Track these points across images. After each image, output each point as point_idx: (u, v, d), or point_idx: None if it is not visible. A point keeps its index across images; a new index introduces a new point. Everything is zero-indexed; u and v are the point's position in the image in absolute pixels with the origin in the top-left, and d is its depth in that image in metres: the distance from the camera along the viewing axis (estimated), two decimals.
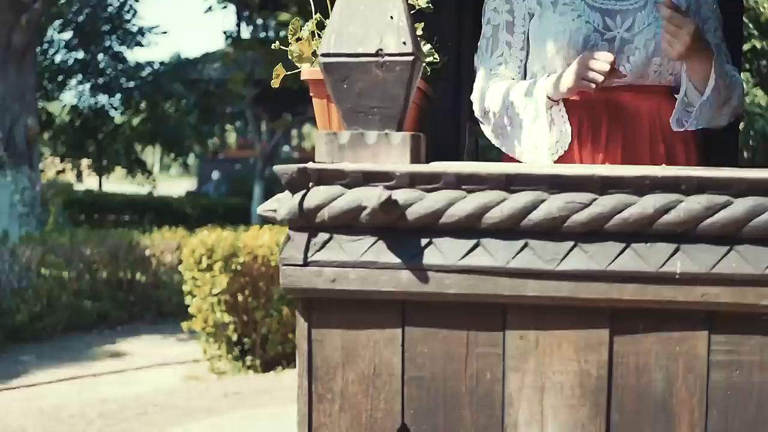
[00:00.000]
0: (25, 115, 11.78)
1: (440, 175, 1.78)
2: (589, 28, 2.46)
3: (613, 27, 2.47)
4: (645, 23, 2.46)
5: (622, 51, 2.46)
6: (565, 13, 2.50)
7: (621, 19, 2.47)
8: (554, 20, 2.50)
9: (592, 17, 2.47)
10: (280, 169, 1.80)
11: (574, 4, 2.50)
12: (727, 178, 1.73)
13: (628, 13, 2.47)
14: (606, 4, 2.49)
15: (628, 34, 2.46)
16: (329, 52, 1.84)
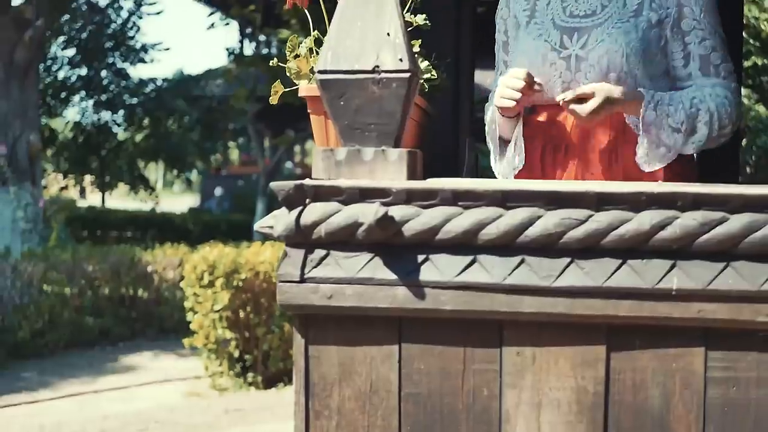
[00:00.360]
0: (28, 131, 11.80)
1: (437, 191, 1.78)
2: (546, 46, 2.51)
3: (569, 45, 2.49)
4: (598, 40, 2.46)
5: (579, 69, 2.47)
6: (531, 32, 2.56)
7: (577, 36, 2.49)
8: (522, 39, 2.58)
9: (552, 36, 2.51)
10: (277, 186, 1.81)
11: (543, 23, 2.55)
12: (723, 194, 1.73)
13: (584, 30, 2.49)
14: (570, 22, 2.52)
15: (583, 51, 2.47)
16: (326, 69, 1.84)
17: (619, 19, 2.48)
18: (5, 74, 11.71)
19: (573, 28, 2.50)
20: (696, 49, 2.50)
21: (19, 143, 11.74)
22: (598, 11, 2.51)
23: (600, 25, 2.48)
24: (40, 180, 12.40)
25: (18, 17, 11.72)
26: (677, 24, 2.50)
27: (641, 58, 2.46)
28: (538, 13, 2.58)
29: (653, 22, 2.48)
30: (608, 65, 2.44)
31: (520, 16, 2.62)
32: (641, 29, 2.47)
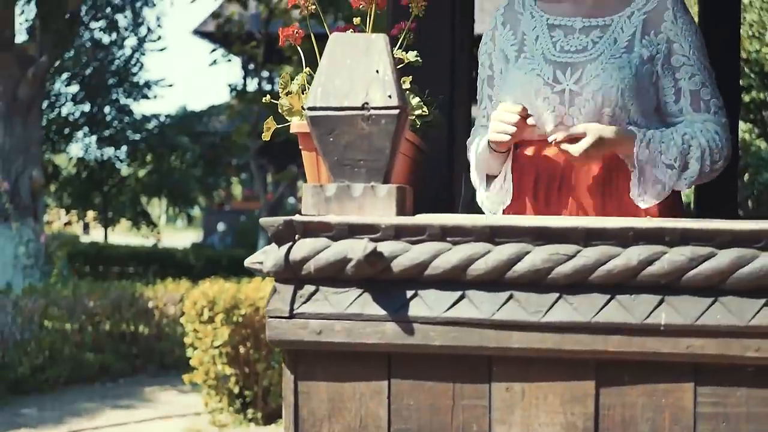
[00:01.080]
0: (30, 167, 11.84)
1: (425, 227, 1.79)
2: (539, 81, 2.50)
3: (562, 80, 2.50)
4: (592, 75, 2.47)
5: (573, 103, 2.48)
6: (522, 66, 2.55)
7: (571, 71, 2.50)
8: (513, 73, 2.57)
9: (545, 70, 2.51)
10: (266, 222, 1.81)
11: (534, 58, 2.55)
12: (711, 230, 1.74)
13: (577, 65, 2.50)
14: (563, 57, 2.52)
15: (577, 86, 2.48)
16: (315, 106, 1.86)
17: (612, 55, 2.49)
18: (8, 110, 11.76)
19: (566, 63, 2.52)
20: (686, 85, 2.51)
21: (21, 179, 11.78)
22: (589, 47, 2.52)
23: (594, 60, 2.49)
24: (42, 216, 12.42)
25: (21, 54, 11.80)
26: (667, 60, 2.51)
27: (635, 93, 2.47)
28: (527, 47, 2.59)
29: (645, 58, 2.50)
30: (603, 100, 2.45)
31: (509, 50, 2.63)
32: (634, 65, 2.48)
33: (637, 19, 2.54)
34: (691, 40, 2.52)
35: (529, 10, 2.63)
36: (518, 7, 2.66)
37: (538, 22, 2.61)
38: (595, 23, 2.56)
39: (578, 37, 2.55)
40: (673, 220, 1.84)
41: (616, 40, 2.52)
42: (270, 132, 2.32)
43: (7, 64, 11.60)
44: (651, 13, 2.54)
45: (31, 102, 11.85)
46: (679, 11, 2.54)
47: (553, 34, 2.57)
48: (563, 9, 2.60)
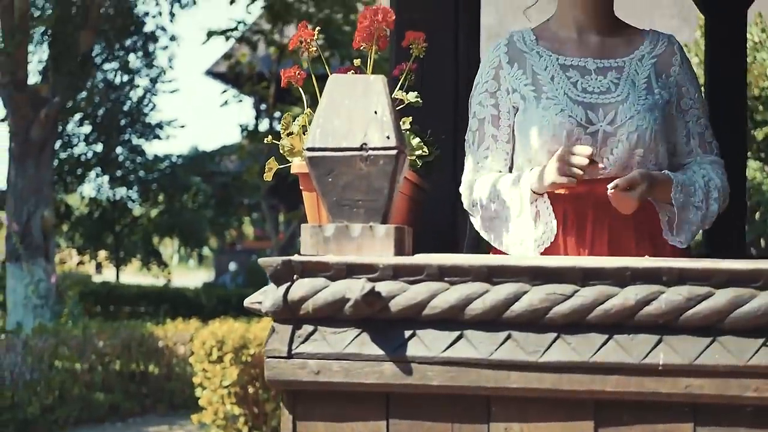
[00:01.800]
0: (42, 207, 11.90)
1: (423, 267, 1.80)
2: (572, 122, 2.49)
3: (595, 120, 2.50)
4: (627, 116, 2.50)
5: (606, 144, 2.49)
6: (548, 107, 2.53)
7: (603, 112, 2.51)
8: (538, 114, 2.53)
9: (575, 111, 2.51)
10: (265, 262, 1.82)
11: (557, 98, 2.53)
12: (708, 269, 1.74)
13: (610, 106, 2.51)
14: (588, 98, 2.53)
15: (611, 127, 2.49)
16: (314, 147, 1.87)
17: (639, 97, 2.53)
18: (21, 151, 11.84)
19: (597, 105, 2.52)
20: (694, 127, 2.61)
21: (33, 219, 11.83)
22: (613, 89, 2.54)
23: (625, 101, 2.51)
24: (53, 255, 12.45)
25: (34, 95, 11.89)
26: (678, 103, 2.60)
27: (662, 135, 2.54)
28: (545, 88, 2.57)
29: (665, 101, 2.56)
30: (637, 142, 2.48)
31: (524, 90, 2.59)
32: (660, 107, 2.53)
33: (649, 63, 2.59)
34: (695, 84, 2.63)
35: (534, 49, 2.63)
36: (521, 45, 2.65)
37: (548, 61, 2.60)
38: (608, 64, 2.58)
39: (596, 78, 2.56)
40: (670, 260, 1.84)
41: (635, 82, 2.55)
42: (272, 172, 2.34)
43: (20, 105, 11.69)
44: (660, 57, 2.60)
45: (44, 143, 11.93)
46: (684, 57, 2.64)
47: (569, 74, 2.57)
48: (570, 49, 2.62)
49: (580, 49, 2.60)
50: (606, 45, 2.60)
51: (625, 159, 2.49)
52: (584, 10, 2.60)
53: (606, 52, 2.59)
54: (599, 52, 2.59)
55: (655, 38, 2.63)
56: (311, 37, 2.24)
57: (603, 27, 2.61)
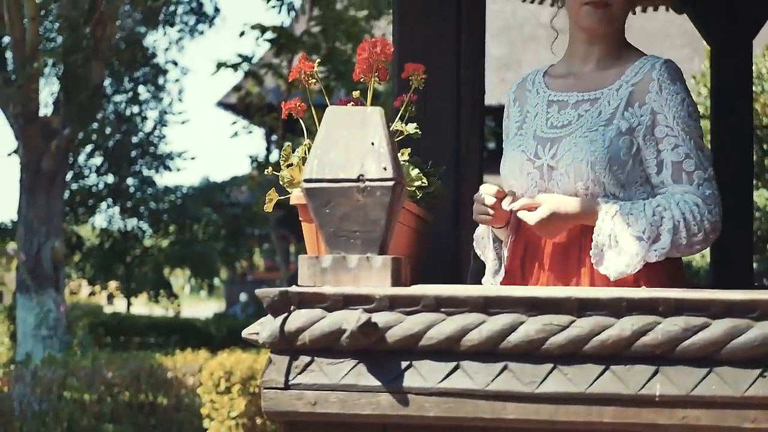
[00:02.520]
0: (52, 238, 11.94)
1: (420, 297, 1.80)
2: (523, 156, 2.56)
3: (541, 155, 2.54)
4: (565, 149, 2.50)
5: (551, 178, 2.52)
6: (514, 143, 2.63)
7: (549, 146, 2.54)
8: (507, 151, 2.65)
9: (528, 146, 2.57)
10: (262, 293, 1.83)
11: (525, 134, 2.62)
12: (704, 300, 1.74)
13: (556, 140, 2.54)
14: (549, 132, 2.57)
15: (553, 161, 2.52)
16: (311, 178, 1.88)
17: (588, 129, 2.51)
18: (32, 182, 11.90)
19: (547, 139, 2.56)
20: (669, 156, 2.49)
21: (43, 250, 11.87)
22: (573, 122, 2.56)
23: (570, 135, 2.53)
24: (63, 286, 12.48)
25: (46, 126, 11.96)
26: (650, 131, 2.50)
27: (607, 165, 2.46)
28: (525, 125, 2.65)
29: (623, 130, 2.49)
30: (574, 174, 2.48)
31: (512, 127, 2.69)
32: (608, 138, 2.47)
33: (625, 92, 2.53)
34: (676, 110, 2.49)
35: (537, 87, 2.68)
36: (528, 84, 2.72)
37: (541, 98, 2.65)
38: (587, 97, 2.59)
39: (569, 111, 2.59)
40: (667, 290, 1.84)
41: (601, 113, 2.54)
42: (272, 204, 2.35)
43: (31, 137, 11.77)
44: (637, 85, 2.53)
45: (54, 174, 11.99)
46: (664, 81, 2.52)
47: (550, 110, 2.62)
48: (566, 84, 2.64)
49: (574, 84, 2.62)
50: (598, 77, 2.60)
51: (570, 192, 2.48)
52: (589, 46, 2.61)
53: (592, 84, 2.59)
54: (587, 86, 2.60)
55: (642, 64, 2.56)
56: (311, 69, 2.26)
57: (606, 57, 2.61)
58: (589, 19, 2.53)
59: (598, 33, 2.57)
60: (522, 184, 2.56)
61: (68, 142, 12.19)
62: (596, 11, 2.52)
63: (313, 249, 2.14)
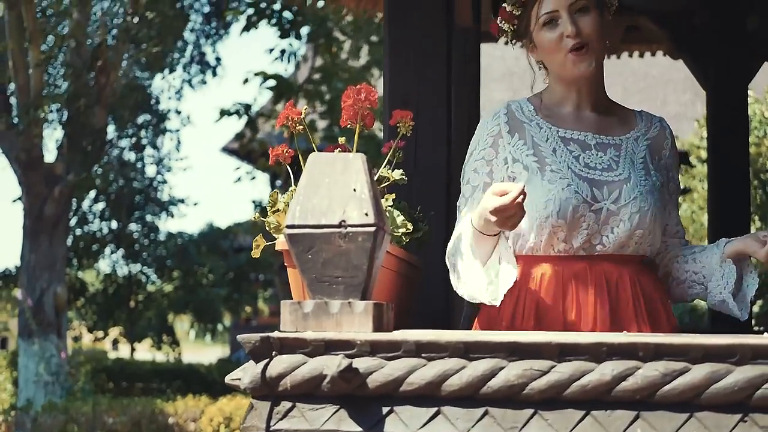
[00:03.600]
0: (55, 283, 11.96)
1: (400, 343, 1.80)
2: (578, 198, 2.47)
3: (600, 198, 2.49)
4: (631, 196, 2.49)
5: (607, 222, 2.48)
6: (554, 180, 2.50)
7: (608, 190, 2.50)
8: (544, 187, 2.50)
9: (581, 187, 2.49)
10: (244, 338, 1.84)
11: (562, 171, 2.51)
12: (684, 345, 1.74)
13: (614, 184, 2.50)
14: (592, 174, 2.52)
15: (615, 206, 2.48)
16: (294, 224, 1.89)
17: (640, 177, 2.53)
18: (34, 228, 11.93)
19: (600, 182, 2.51)
20: (675, 211, 2.68)
21: (46, 295, 11.88)
22: (614, 167, 2.54)
23: (628, 180, 2.51)
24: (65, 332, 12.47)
25: (49, 172, 12.02)
26: (667, 187, 2.63)
27: (662, 216, 2.56)
28: (548, 159, 2.54)
29: (658, 183, 2.58)
30: (638, 222, 2.48)
31: (527, 161, 2.55)
32: (657, 189, 2.55)
33: (643, 144, 2.60)
34: (678, 171, 2.68)
35: (534, 120, 2.59)
36: (521, 116, 2.60)
37: (549, 133, 2.56)
38: (606, 141, 2.58)
39: (597, 153, 2.55)
40: (645, 335, 1.85)
41: (633, 162, 2.56)
42: (260, 249, 2.36)
43: (34, 183, 11.82)
44: (653, 140, 2.63)
45: (57, 219, 12.03)
46: (673, 142, 2.67)
47: (570, 148, 2.55)
48: (568, 122, 2.59)
49: (578, 123, 2.59)
50: (602, 122, 2.60)
51: (624, 239, 2.48)
52: (579, 91, 2.60)
53: (603, 128, 2.59)
54: (597, 128, 2.58)
55: (648, 120, 2.65)
56: (298, 116, 2.28)
57: (597, 105, 2.62)
58: (576, 68, 2.52)
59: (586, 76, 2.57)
60: (571, 225, 2.47)
61: (71, 188, 12.24)
62: (580, 57, 2.51)
63: (299, 294, 2.15)
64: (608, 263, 2.50)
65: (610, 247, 2.49)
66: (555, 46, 2.52)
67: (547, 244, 2.50)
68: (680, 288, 2.66)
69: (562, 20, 2.51)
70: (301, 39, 12.38)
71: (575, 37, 2.49)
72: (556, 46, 2.52)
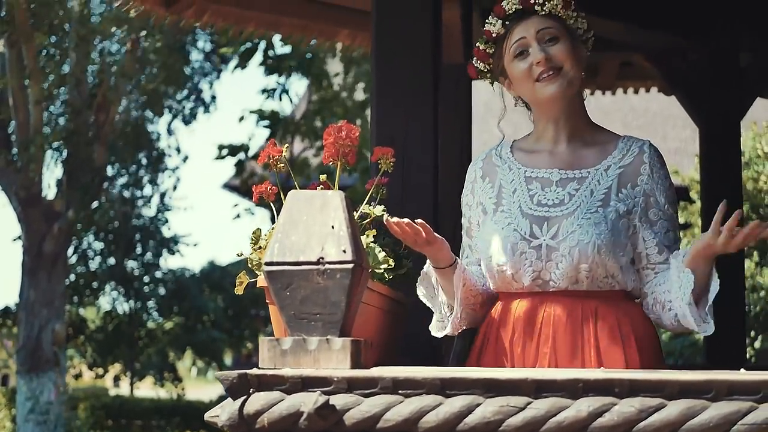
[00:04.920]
0: (54, 320, 11.96)
1: (377, 379, 1.81)
2: (516, 235, 2.50)
3: (539, 234, 2.50)
4: (568, 230, 2.48)
5: (550, 258, 2.48)
6: (499, 220, 2.55)
7: (547, 226, 2.50)
8: (491, 227, 2.56)
9: (521, 225, 2.51)
10: (221, 375, 1.84)
11: (510, 211, 2.55)
12: (659, 381, 1.75)
13: (555, 220, 2.51)
14: (539, 211, 2.53)
15: (553, 241, 2.49)
16: (272, 261, 1.90)
17: (587, 209, 2.51)
18: (33, 264, 11.95)
19: (542, 218, 2.52)
20: (663, 239, 2.55)
21: (44, 332, 11.87)
22: (566, 201, 2.54)
23: (570, 215, 2.51)
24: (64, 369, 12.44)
25: (48, 209, 12.05)
26: (645, 213, 2.54)
27: (611, 248, 2.49)
28: (504, 201, 2.59)
29: (621, 212, 2.52)
30: (579, 256, 2.46)
31: (487, 203, 2.62)
32: (610, 220, 2.50)
33: (614, 173, 2.56)
34: (666, 194, 2.56)
35: (507, 162, 2.63)
36: (496, 159, 2.66)
37: (516, 174, 2.60)
38: (572, 175, 2.58)
39: (555, 189, 2.56)
40: (622, 371, 1.85)
41: (593, 192, 2.54)
42: (243, 286, 2.37)
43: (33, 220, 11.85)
44: (628, 167, 2.57)
45: (56, 256, 12.04)
46: (655, 165, 2.58)
47: (531, 186, 2.58)
48: (541, 161, 2.61)
49: (550, 161, 2.60)
50: (576, 156, 2.61)
51: (571, 273, 2.47)
52: (556, 121, 2.61)
53: (575, 162, 2.60)
54: (568, 164, 2.60)
55: (627, 146, 2.61)
56: (279, 154, 2.30)
57: (575, 137, 2.62)
58: (545, 91, 2.54)
59: (559, 102, 2.57)
60: (514, 264, 2.49)
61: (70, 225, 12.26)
62: (549, 79, 2.53)
63: (280, 331, 2.15)
64: (568, 299, 2.49)
65: (561, 283, 2.49)
66: (526, 75, 2.55)
67: (502, 283, 2.54)
68: (666, 314, 2.51)
69: (531, 49, 2.54)
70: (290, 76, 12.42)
71: (544, 63, 2.51)
72: (527, 75, 2.54)
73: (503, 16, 2.59)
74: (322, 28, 5.63)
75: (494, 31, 2.60)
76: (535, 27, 2.55)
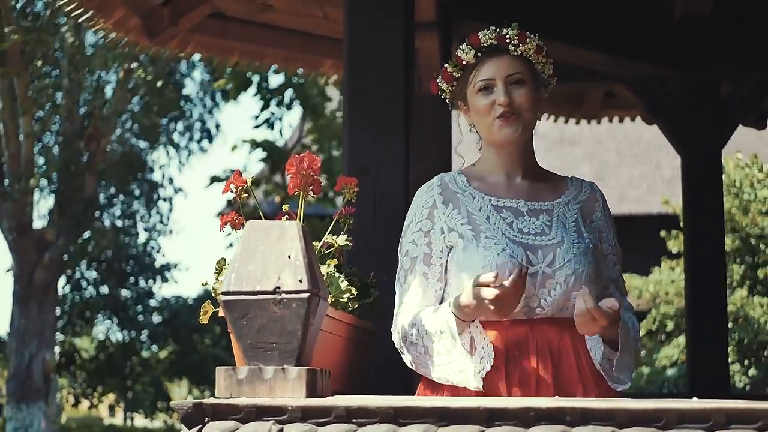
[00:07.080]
0: (44, 350, 11.96)
1: (331, 408, 1.82)
2: (514, 262, 2.49)
3: (535, 262, 2.53)
4: (565, 259, 2.52)
5: (544, 285, 2.51)
6: (489, 247, 2.53)
7: (543, 254, 2.54)
8: (479, 254, 2.54)
9: (516, 252, 2.52)
10: (177, 405, 1.85)
11: (497, 237, 2.55)
12: (610, 409, 1.75)
13: (548, 248, 2.54)
14: (526, 238, 2.56)
15: (550, 269, 2.52)
16: (229, 291, 1.92)
17: (573, 240, 2.56)
18: (24, 293, 11.96)
19: (535, 246, 2.55)
20: (610, 273, 2.68)
21: (35, 361, 11.86)
22: (546, 231, 2.58)
23: (561, 244, 2.55)
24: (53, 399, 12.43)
25: (39, 239, 12.07)
26: (599, 249, 2.65)
27: (596, 278, 2.58)
28: (483, 227, 2.58)
29: (590, 246, 2.60)
30: (574, 284, 2.50)
31: (462, 229, 2.59)
32: (590, 251, 2.58)
33: (575, 208, 2.65)
34: (613, 232, 2.71)
35: (467, 190, 2.64)
36: (454, 187, 2.65)
37: (482, 203, 2.61)
38: (539, 207, 2.62)
39: (530, 219, 2.59)
40: (573, 400, 1.86)
41: (565, 225, 2.60)
42: (207, 315, 2.38)
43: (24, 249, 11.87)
44: (584, 203, 2.68)
45: (47, 285, 12.06)
46: (605, 204, 2.72)
47: (503, 215, 2.60)
48: (501, 191, 2.63)
49: (510, 191, 2.63)
50: (533, 189, 2.65)
51: (561, 301, 2.51)
52: (510, 157, 2.65)
53: (534, 195, 2.64)
54: (528, 195, 2.63)
55: (578, 184, 2.71)
56: (244, 185, 2.32)
57: (527, 173, 2.67)
58: (502, 133, 2.58)
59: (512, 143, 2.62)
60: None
61: (62, 254, 12.28)
62: (507, 122, 2.57)
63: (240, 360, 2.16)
64: (549, 326, 2.53)
65: (548, 310, 2.52)
66: (486, 111, 2.58)
67: None
68: None
69: (497, 89, 2.57)
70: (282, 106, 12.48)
71: (506, 106, 2.55)
72: (487, 111, 2.58)
73: (477, 47, 2.62)
74: (306, 59, 5.67)
75: (465, 59, 2.63)
76: (505, 70, 2.59)
